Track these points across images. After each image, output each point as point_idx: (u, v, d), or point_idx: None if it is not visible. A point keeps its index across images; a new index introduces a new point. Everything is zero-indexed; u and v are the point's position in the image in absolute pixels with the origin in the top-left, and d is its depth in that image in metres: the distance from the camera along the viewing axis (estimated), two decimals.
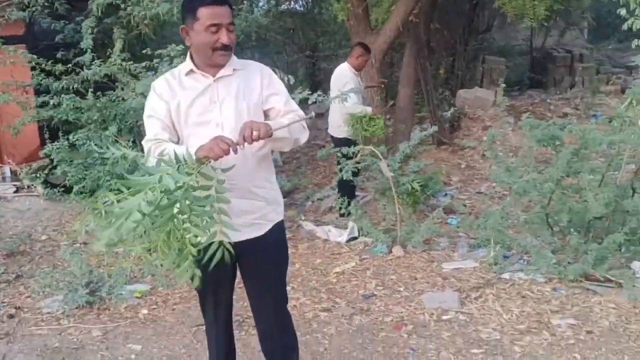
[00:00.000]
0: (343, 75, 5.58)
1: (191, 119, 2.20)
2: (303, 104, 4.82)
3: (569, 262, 4.04)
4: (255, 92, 2.27)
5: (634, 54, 7.10)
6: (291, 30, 13.36)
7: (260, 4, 14.34)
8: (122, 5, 5.89)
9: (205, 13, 2.11)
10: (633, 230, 3.92)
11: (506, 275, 4.04)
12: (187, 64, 2.25)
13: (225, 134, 2.12)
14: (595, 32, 15.08)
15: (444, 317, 3.56)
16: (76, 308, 3.82)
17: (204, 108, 2.21)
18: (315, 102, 4.81)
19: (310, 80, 13.00)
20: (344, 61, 5.81)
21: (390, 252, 4.64)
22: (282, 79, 5.03)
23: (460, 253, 4.56)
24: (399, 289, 3.97)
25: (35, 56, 5.39)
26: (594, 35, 15.21)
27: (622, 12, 4.42)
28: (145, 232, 1.66)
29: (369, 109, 5.56)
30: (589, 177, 4.09)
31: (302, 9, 13.59)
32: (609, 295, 3.71)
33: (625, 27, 4.46)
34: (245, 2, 11.26)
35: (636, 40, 4.39)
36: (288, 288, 4.05)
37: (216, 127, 2.20)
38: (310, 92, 4.70)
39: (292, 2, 13.40)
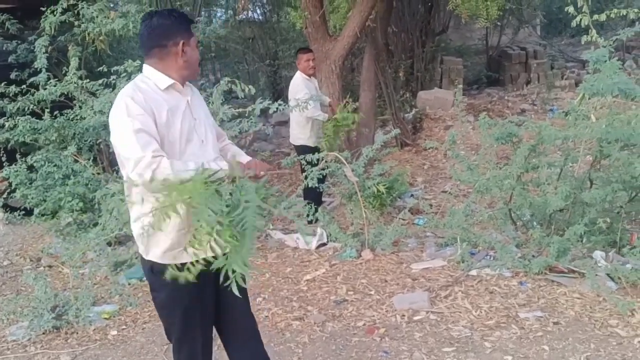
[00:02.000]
0: (296, 84, 5.75)
1: (181, 136, 2.21)
2: (265, 113, 4.84)
3: (533, 256, 4.14)
4: (207, 109, 2.45)
5: (585, 49, 7.32)
6: (250, 40, 13.35)
7: (218, 14, 14.33)
8: (76, 23, 5.80)
9: (193, 30, 2.28)
10: (592, 221, 4.03)
11: (474, 272, 4.11)
12: (163, 78, 2.24)
13: (209, 150, 2.31)
14: (547, 28, 15.48)
15: (415, 318, 3.60)
16: (43, 334, 3.73)
17: (189, 125, 2.25)
18: (276, 111, 4.83)
19: (272, 88, 13.00)
20: None
21: (360, 256, 4.66)
22: (243, 90, 5.07)
23: (429, 253, 4.61)
24: (370, 292, 4.00)
25: None
26: (547, 31, 15.62)
27: (570, 9, 4.56)
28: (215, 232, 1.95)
29: (325, 115, 5.69)
30: (547, 172, 4.20)
31: (260, 18, 13.61)
32: (573, 285, 3.82)
33: (574, 24, 4.60)
34: (202, 13, 11.23)
35: (585, 36, 4.53)
36: (259, 299, 4.08)
37: (201, 144, 2.28)
38: (270, 102, 4.71)
39: (250, 12, 13.40)
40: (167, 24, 2.25)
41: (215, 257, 2.03)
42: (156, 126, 2.14)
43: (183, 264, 2.09)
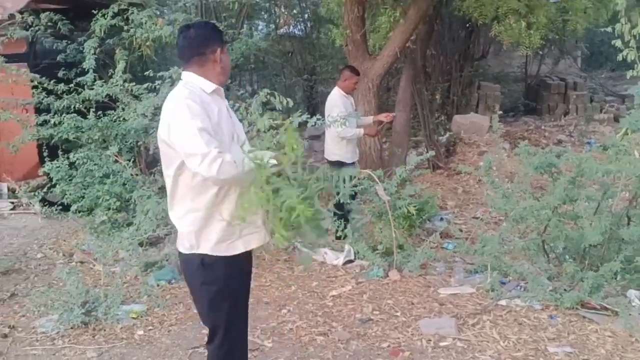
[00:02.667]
0: (333, 100, 5.72)
1: (227, 137, 2.37)
2: (302, 126, 4.89)
3: (565, 290, 4.06)
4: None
5: (628, 83, 7.21)
6: (289, 54, 13.52)
7: (260, 27, 14.56)
8: (125, 27, 5.97)
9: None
10: (628, 259, 3.95)
11: (503, 302, 4.05)
12: (207, 83, 2.41)
13: (246, 149, 2.40)
14: (588, 61, 15.31)
15: (442, 344, 3.56)
16: (71, 328, 3.79)
17: (230, 126, 2.43)
18: (314, 125, 4.88)
19: (307, 102, 13.10)
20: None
21: (387, 275, 4.64)
22: (281, 102, 5.13)
23: (457, 278, 4.57)
24: (396, 313, 3.97)
25: (38, 75, 5.43)
26: (587, 64, 15.44)
27: (618, 43, 4.51)
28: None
29: (359, 131, 5.64)
30: (584, 205, 4.13)
31: (300, 33, 13.77)
32: (605, 323, 3.73)
33: (620, 57, 4.54)
34: (245, 25, 11.43)
35: (631, 70, 4.47)
36: (284, 310, 4.09)
37: (240, 143, 2.41)
38: (309, 116, 4.75)
39: (291, 27, 13.59)
40: (205, 34, 2.46)
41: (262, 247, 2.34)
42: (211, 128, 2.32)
43: (233, 256, 2.36)
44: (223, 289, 2.41)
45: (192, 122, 2.21)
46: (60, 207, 5.47)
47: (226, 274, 2.38)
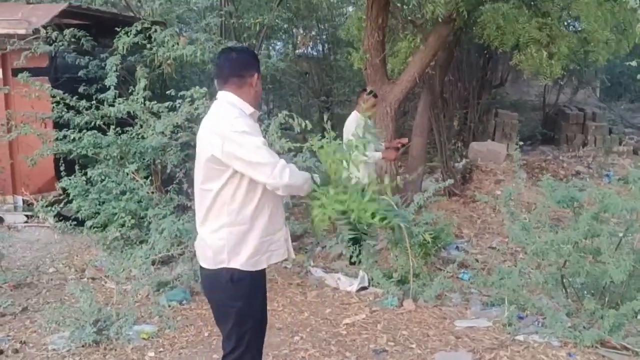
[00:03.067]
0: (350, 124, 5.70)
1: None
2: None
3: (584, 327, 3.96)
4: None
5: None
6: (306, 74, 13.56)
7: (277, 47, 14.66)
8: (148, 45, 6.01)
9: None
10: None
11: (520, 337, 3.95)
12: (246, 106, 2.51)
13: None
14: (607, 91, 15.21)
15: None
16: (82, 346, 3.75)
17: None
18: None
19: (323, 124, 13.09)
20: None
21: (401, 305, 4.56)
22: (299, 124, 5.12)
23: (473, 311, 4.48)
24: (411, 345, 3.89)
25: (61, 92, 5.48)
26: (606, 94, 15.34)
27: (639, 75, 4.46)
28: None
29: (377, 154, 5.59)
30: (606, 241, 4.04)
31: (317, 54, 13.84)
32: None
33: None
34: (263, 45, 11.51)
35: None
36: (297, 337, 4.02)
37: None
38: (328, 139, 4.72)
39: (309, 47, 13.67)
40: (245, 58, 2.59)
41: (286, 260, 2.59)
42: None
43: (257, 271, 2.46)
44: (248, 305, 2.48)
45: (255, 138, 2.36)
46: (75, 222, 5.47)
47: (251, 290, 2.48)
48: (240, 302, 2.46)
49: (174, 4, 8.22)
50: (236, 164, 2.36)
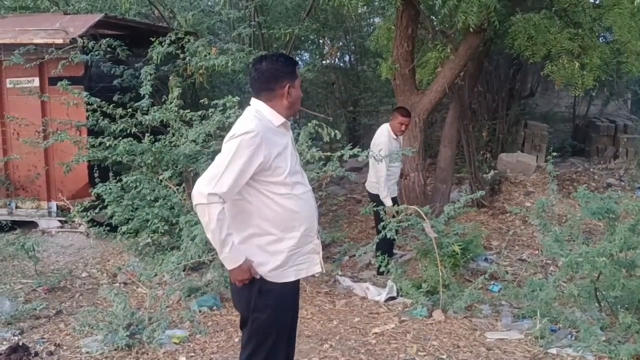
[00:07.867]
0: (379, 136, 5.72)
1: (291, 168, 2.43)
2: (340, 157, 4.91)
3: (619, 341, 3.88)
4: None
5: None
6: (333, 85, 13.60)
7: (304, 57, 14.75)
8: (181, 55, 6.12)
9: (298, 72, 2.55)
10: None
11: (553, 350, 3.89)
12: (275, 116, 2.46)
13: (306, 180, 2.58)
14: (638, 103, 14.93)
15: None
16: (115, 350, 3.81)
17: (295, 159, 2.49)
18: (355, 156, 4.86)
19: (349, 134, 13.12)
20: (384, 117, 5.91)
21: (431, 315, 4.54)
22: (329, 134, 5.13)
23: (504, 323, 4.42)
24: (442, 356, 3.86)
25: (98, 100, 5.61)
26: (638, 106, 15.05)
27: None
28: None
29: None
30: None
31: (344, 65, 13.88)
32: None
33: None
34: (292, 55, 11.60)
35: None
36: (326, 345, 4.02)
37: (302, 176, 2.52)
38: (360, 150, 4.74)
39: (337, 58, 13.71)
40: (275, 69, 2.48)
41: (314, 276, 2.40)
42: (263, 160, 2.35)
43: (284, 284, 2.43)
44: (273, 317, 2.44)
45: (235, 158, 2.29)
46: (108, 227, 5.57)
47: (277, 303, 2.44)
48: (264, 313, 2.43)
49: (206, 14, 8.34)
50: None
